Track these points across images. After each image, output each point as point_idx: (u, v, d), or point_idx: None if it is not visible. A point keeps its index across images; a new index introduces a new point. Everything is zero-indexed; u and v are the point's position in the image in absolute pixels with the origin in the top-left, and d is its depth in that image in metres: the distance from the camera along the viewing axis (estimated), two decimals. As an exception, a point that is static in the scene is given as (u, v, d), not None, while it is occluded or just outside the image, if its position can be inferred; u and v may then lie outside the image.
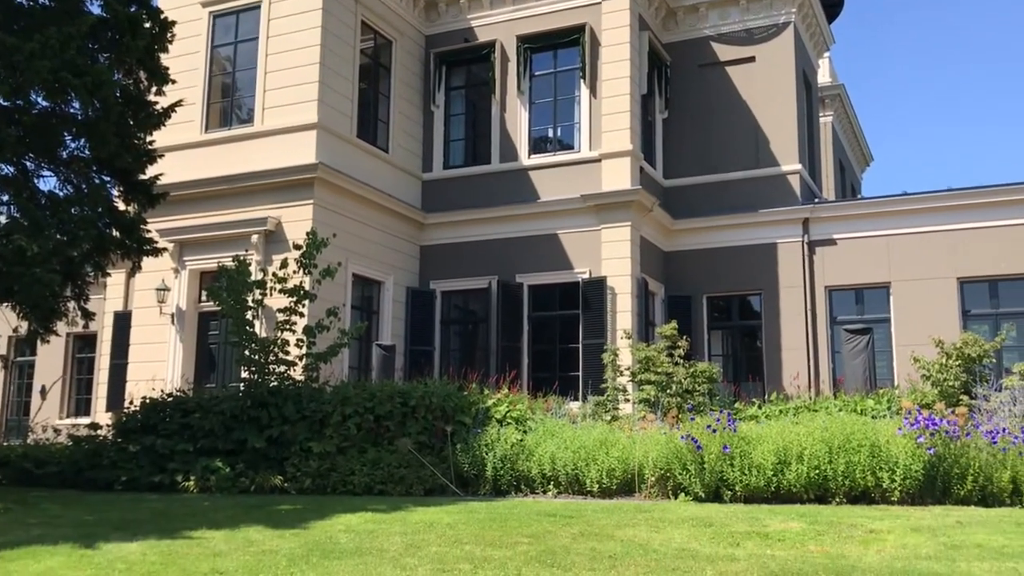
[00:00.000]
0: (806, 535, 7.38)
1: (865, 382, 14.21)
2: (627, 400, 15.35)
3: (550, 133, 19.84)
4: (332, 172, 16.98)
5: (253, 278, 14.08)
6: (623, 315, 17.76)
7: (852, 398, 12.90)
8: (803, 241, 19.30)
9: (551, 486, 11.00)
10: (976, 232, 17.87)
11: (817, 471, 9.65)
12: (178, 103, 14.11)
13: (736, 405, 13.92)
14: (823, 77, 27.11)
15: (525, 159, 19.50)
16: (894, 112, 73.86)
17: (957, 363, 12.96)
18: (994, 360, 14.34)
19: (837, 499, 9.59)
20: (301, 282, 13.76)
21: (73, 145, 13.05)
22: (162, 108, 13.71)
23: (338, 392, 12.72)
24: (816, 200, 20.43)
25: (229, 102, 18.45)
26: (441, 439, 11.87)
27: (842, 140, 30.15)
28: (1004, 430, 9.56)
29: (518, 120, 19.67)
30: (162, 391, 14.32)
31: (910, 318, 17.85)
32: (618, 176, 18.30)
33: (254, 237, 16.69)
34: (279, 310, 13.65)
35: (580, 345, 18.04)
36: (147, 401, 13.66)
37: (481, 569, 6.30)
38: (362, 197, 17.97)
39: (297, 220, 16.43)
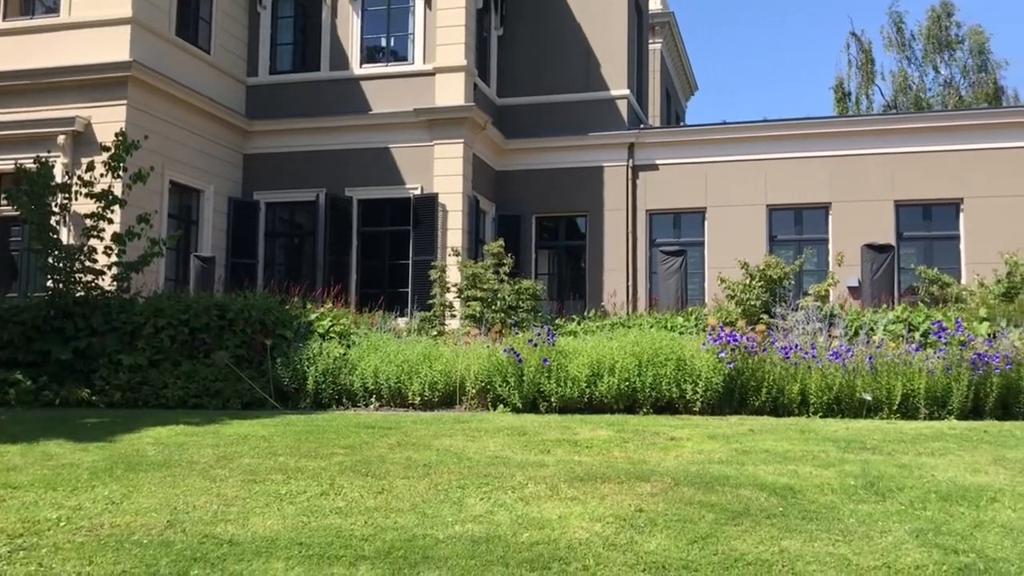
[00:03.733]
0: (612, 442, 7.76)
1: (677, 301, 14.94)
2: (454, 316, 15.53)
3: (383, 43, 19.34)
4: (148, 72, 15.95)
5: (58, 181, 13.16)
6: (454, 233, 17.82)
7: (664, 316, 13.55)
8: (628, 165, 19.87)
9: (373, 399, 11.05)
10: (785, 162, 18.98)
11: (627, 383, 10.13)
12: (-33, -17, 12.80)
13: (557, 321, 14.33)
14: (654, 4, 27.62)
15: (357, 68, 18.97)
16: (721, 42, 76.47)
17: (759, 284, 13.83)
18: (793, 282, 15.42)
19: (645, 409, 10.12)
20: (110, 186, 12.94)
21: None
22: (-52, -12, 12.39)
23: (151, 303, 12.19)
24: (642, 126, 21.00)
25: (32, -12, 16.88)
26: (261, 353, 11.63)
27: (669, 68, 30.96)
28: (797, 346, 10.33)
29: (350, 27, 19.04)
30: (-47, 300, 13.27)
31: (722, 242, 18.86)
32: (452, 91, 18.12)
33: (61, 138, 15.56)
34: (86, 216, 12.84)
35: (410, 261, 18.02)
36: (-65, 310, 12.63)
37: (294, 479, 6.29)
38: (181, 100, 17.02)
39: (109, 121, 15.38)
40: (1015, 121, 18.40)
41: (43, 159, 13.16)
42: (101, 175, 12.85)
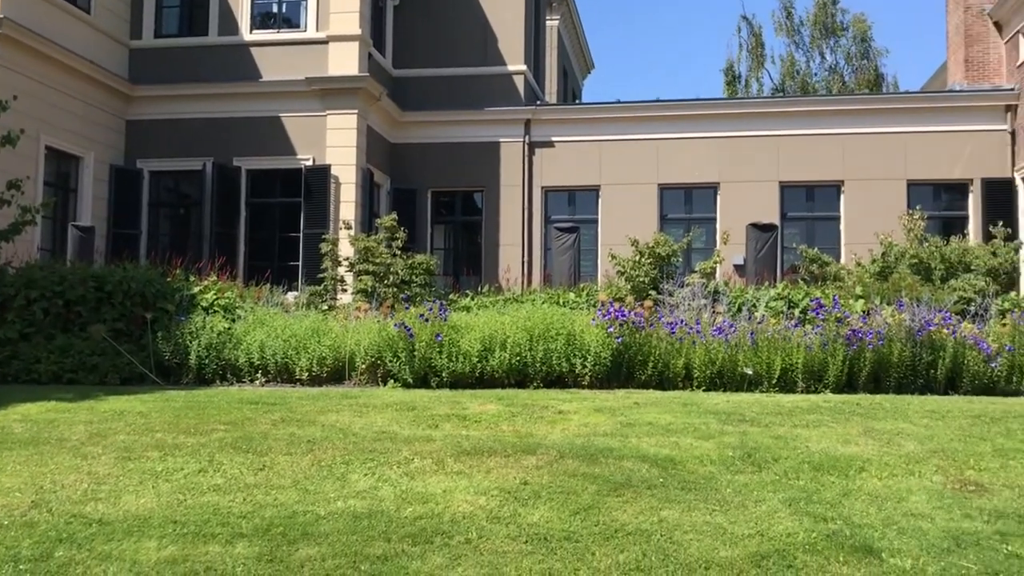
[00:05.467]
0: (501, 417, 7.79)
1: (570, 277, 15.09)
2: (345, 291, 15.31)
3: (275, 8, 18.77)
4: (20, 29, 15.07)
5: (-82, 144, 12.35)
6: (347, 205, 17.53)
7: (557, 291, 13.67)
8: (524, 142, 19.90)
9: (259, 375, 10.80)
10: (676, 142, 19.34)
11: (518, 358, 10.18)
12: None
13: (451, 296, 14.30)
14: (553, -20, 27.63)
15: (247, 34, 18.38)
16: (617, 22, 77.24)
17: (649, 261, 14.09)
18: (681, 259, 15.77)
19: (535, 383, 10.20)
20: (-24, 150, 12.23)
21: None
22: None
23: (23, 274, 11.58)
24: (538, 102, 21.04)
25: None
26: (141, 327, 11.21)
27: (566, 45, 31.09)
28: (682, 322, 10.57)
29: (239, -9, 18.42)
30: None
31: (615, 219, 19.12)
32: (345, 60, 17.75)
33: (-79, 97, 14.57)
34: (-50, 181, 12.11)
35: (301, 234, 17.65)
36: None
37: (171, 456, 6.09)
38: (57, 61, 16.16)
39: (-23, 81, 14.51)
40: (893, 107, 19.20)
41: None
42: (-34, 138, 12.13)
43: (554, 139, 19.94)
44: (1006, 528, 4.71)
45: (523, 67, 20.16)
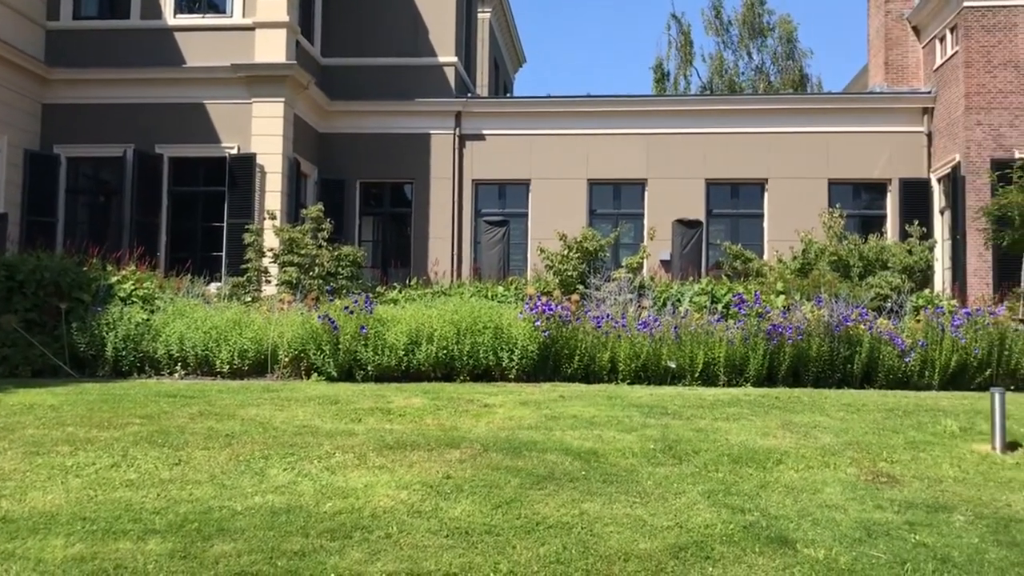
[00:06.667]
0: (426, 410, 7.74)
1: (500, 270, 15.11)
2: (269, 282, 15.05)
3: (200, -8, 18.31)
4: (-74, 6, 14.42)
5: None
6: (272, 195, 17.21)
7: (485, 285, 13.66)
8: (455, 134, 19.81)
9: (179, 367, 10.55)
10: (606, 138, 19.46)
11: (445, 351, 10.14)
12: None
13: (378, 289, 14.17)
14: (485, -27, 27.50)
15: (170, 18, 17.89)
16: (549, 16, 77.42)
17: (577, 255, 14.17)
18: (609, 254, 15.90)
19: (462, 377, 10.17)
20: None
21: None
22: None
23: (-72, 262, 11.11)
24: (469, 95, 20.96)
25: None
26: (55, 317, 10.84)
27: (498, 38, 31.02)
28: (608, 316, 10.65)
29: (163, -27, 17.91)
30: None
31: (545, 213, 19.17)
32: (272, 48, 17.41)
33: None
34: None
35: (225, 224, 17.27)
36: None
37: (83, 451, 5.90)
38: (-33, 40, 15.51)
39: None
40: (816, 107, 19.62)
41: None
42: None
43: (485, 132, 19.89)
44: (915, 518, 4.85)
45: (454, 59, 20.07)
